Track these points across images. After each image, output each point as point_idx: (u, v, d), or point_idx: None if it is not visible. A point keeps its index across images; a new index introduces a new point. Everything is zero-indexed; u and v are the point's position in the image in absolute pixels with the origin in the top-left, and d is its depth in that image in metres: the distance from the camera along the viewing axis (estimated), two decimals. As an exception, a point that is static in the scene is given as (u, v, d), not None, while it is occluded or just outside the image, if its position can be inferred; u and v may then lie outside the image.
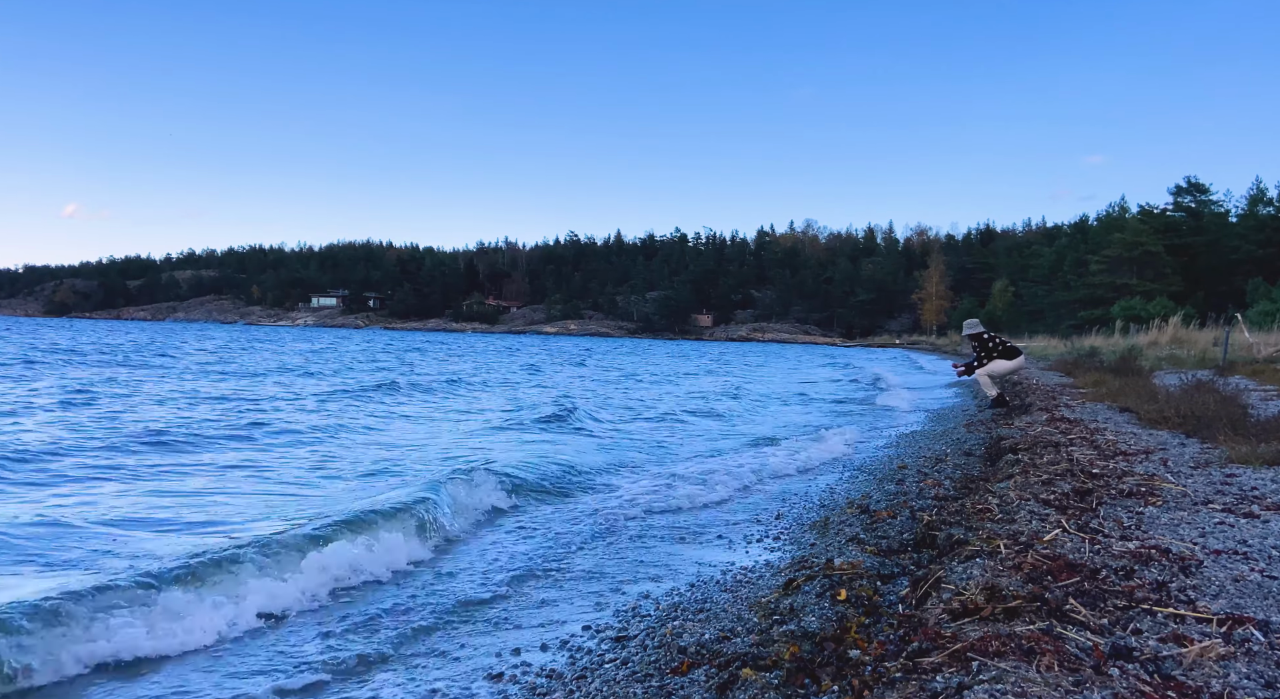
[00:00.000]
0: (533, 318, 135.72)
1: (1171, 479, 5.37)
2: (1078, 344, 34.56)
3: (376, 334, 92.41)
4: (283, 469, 7.74)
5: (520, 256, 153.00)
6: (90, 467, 7.40)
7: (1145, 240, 59.34)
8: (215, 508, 6.05)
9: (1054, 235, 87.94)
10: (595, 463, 8.63)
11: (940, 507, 5.53)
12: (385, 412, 13.22)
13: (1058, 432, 8.18)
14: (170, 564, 4.24)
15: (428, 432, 11.01)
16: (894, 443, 10.44)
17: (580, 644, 3.71)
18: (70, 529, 5.19)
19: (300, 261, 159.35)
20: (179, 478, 7.18)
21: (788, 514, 6.36)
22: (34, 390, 14.19)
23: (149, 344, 38.86)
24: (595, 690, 3.14)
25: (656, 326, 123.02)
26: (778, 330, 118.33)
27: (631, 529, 5.90)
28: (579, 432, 11.39)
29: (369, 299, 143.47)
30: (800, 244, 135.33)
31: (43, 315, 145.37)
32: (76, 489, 6.50)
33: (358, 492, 6.72)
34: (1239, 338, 22.51)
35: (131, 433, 9.30)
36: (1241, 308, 34.51)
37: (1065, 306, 64.00)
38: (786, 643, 3.18)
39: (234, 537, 4.97)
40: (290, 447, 9.16)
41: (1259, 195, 62.78)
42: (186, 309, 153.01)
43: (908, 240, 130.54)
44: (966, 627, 2.74)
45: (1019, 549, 3.65)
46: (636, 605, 4.23)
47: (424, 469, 7.70)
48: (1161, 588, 3.06)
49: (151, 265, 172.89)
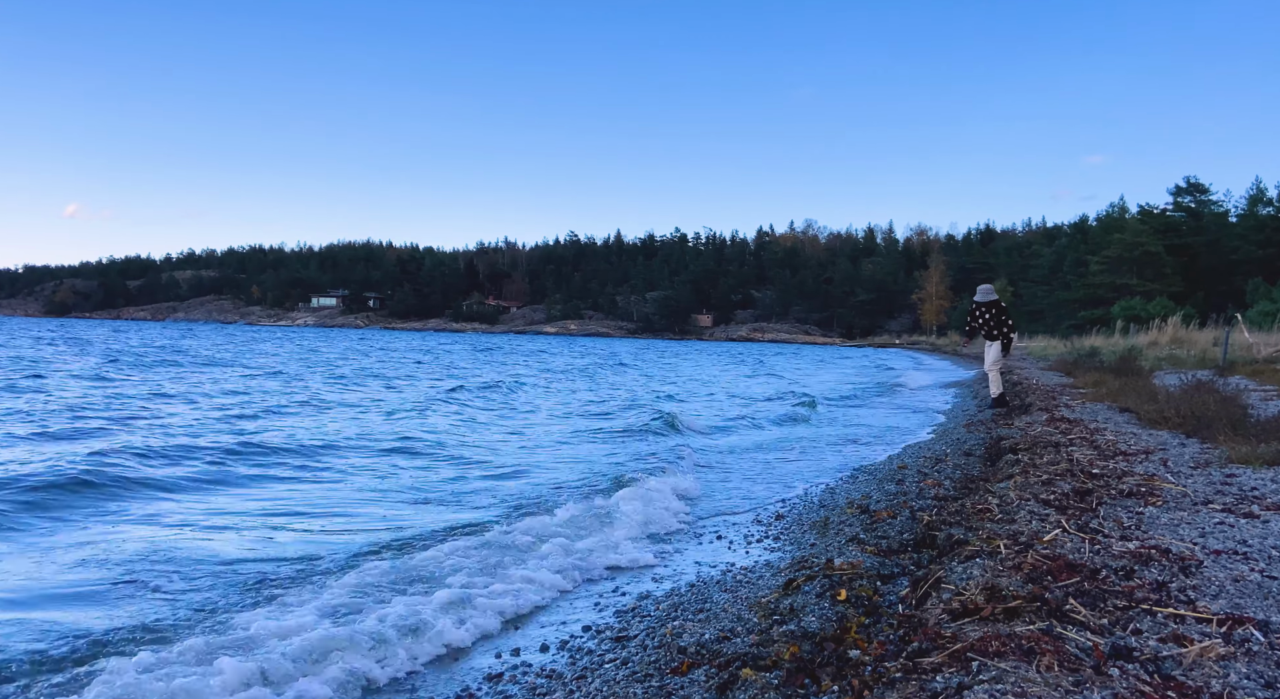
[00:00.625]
0: (533, 318, 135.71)
1: (1171, 479, 5.37)
2: (1078, 344, 34.55)
3: (393, 335, 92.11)
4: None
5: (520, 256, 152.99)
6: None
7: (1145, 240, 59.32)
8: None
9: (1054, 235, 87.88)
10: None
11: (940, 507, 5.53)
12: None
13: (1058, 432, 8.18)
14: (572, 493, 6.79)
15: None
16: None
17: (580, 644, 3.72)
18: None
19: (300, 261, 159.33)
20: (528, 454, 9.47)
21: (788, 514, 6.36)
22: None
23: (222, 347, 36.12)
24: (595, 690, 3.14)
25: (656, 327, 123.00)
26: (778, 330, 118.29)
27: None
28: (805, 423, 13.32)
29: (369, 299, 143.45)
30: (800, 244, 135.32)
31: (42, 315, 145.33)
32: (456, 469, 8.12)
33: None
34: (1239, 338, 22.51)
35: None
36: (1241, 308, 34.50)
37: (1065, 307, 63.98)
38: (786, 643, 3.17)
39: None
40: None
41: (1259, 195, 62.77)
42: (186, 309, 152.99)
43: (908, 240, 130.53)
44: (966, 627, 2.74)
45: (1019, 549, 3.65)
46: (637, 606, 4.23)
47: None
48: (1161, 588, 3.06)
49: (151, 265, 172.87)
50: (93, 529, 5.54)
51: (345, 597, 4.10)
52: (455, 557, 4.82)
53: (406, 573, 4.52)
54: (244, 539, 5.33)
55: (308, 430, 10.53)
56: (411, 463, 8.53)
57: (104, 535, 5.37)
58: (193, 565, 4.70)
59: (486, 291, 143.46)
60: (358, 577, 4.39)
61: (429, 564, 4.69)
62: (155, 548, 5.04)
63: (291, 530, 5.62)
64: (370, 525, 5.79)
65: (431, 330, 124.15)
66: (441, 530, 5.58)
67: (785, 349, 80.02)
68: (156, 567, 4.67)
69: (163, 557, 4.87)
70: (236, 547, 5.13)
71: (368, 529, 5.66)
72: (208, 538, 5.35)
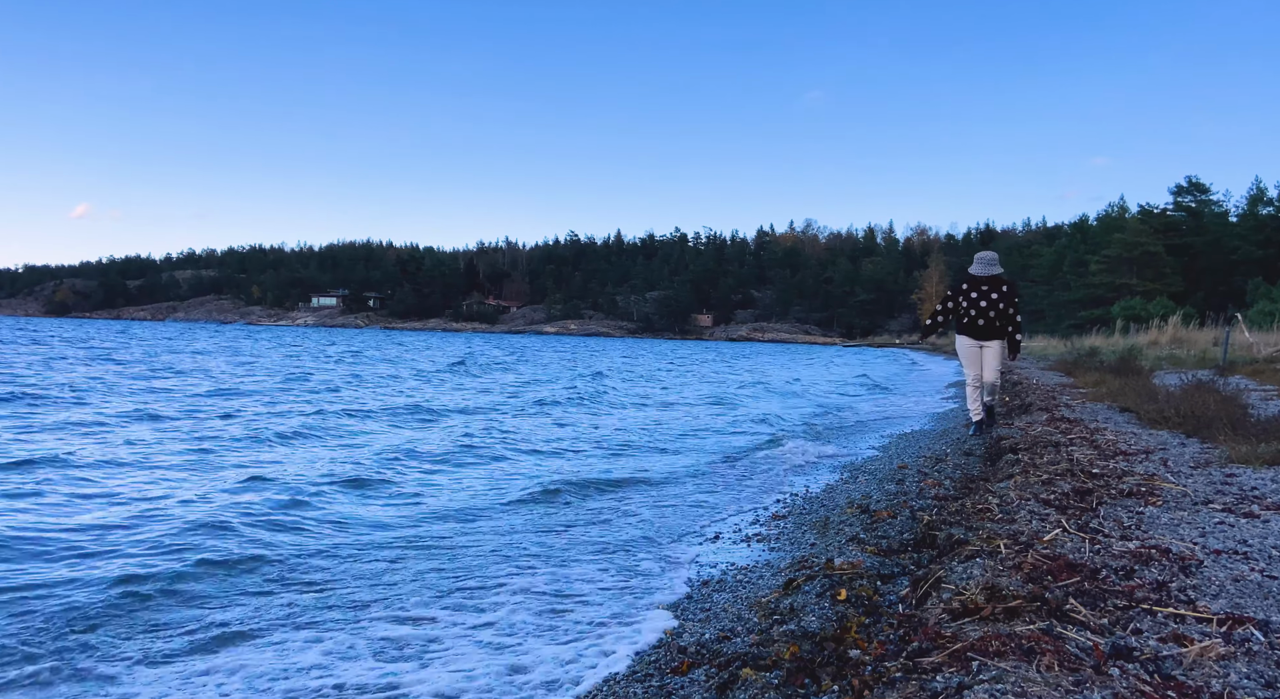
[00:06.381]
0: (533, 318, 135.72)
1: (1171, 479, 5.37)
2: (1078, 344, 34.55)
3: (392, 335, 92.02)
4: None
5: (520, 256, 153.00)
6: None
7: (1145, 240, 59.34)
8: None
9: (1054, 235, 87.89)
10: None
11: (940, 506, 5.53)
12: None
13: (1058, 431, 8.18)
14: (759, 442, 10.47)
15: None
16: (893, 442, 10.46)
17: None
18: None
19: (300, 261, 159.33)
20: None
21: (787, 514, 6.35)
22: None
23: (298, 355, 33.15)
24: (595, 690, 3.14)
25: (656, 326, 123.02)
26: (778, 330, 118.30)
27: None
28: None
29: (369, 299, 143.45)
30: (800, 244, 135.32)
31: (42, 315, 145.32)
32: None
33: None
34: (1239, 338, 22.51)
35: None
36: (1241, 308, 34.50)
37: (1065, 306, 64.00)
38: (786, 643, 3.17)
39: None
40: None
41: (1259, 195, 62.79)
42: (186, 309, 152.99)
43: (908, 240, 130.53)
44: (966, 627, 2.74)
45: (1019, 549, 3.64)
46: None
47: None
48: (1161, 588, 3.06)
49: (151, 265, 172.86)
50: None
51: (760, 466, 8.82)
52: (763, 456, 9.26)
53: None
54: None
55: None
56: (722, 417, 13.90)
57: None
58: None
59: (486, 291, 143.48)
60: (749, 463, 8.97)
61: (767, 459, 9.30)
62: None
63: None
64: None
65: (432, 330, 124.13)
66: (750, 446, 10.25)
67: (792, 348, 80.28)
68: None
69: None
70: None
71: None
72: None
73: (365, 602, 4.18)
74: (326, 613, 4.02)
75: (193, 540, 5.12)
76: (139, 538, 5.19)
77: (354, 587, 4.43)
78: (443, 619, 3.92)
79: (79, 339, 42.99)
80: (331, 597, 4.25)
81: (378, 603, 4.16)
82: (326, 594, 4.29)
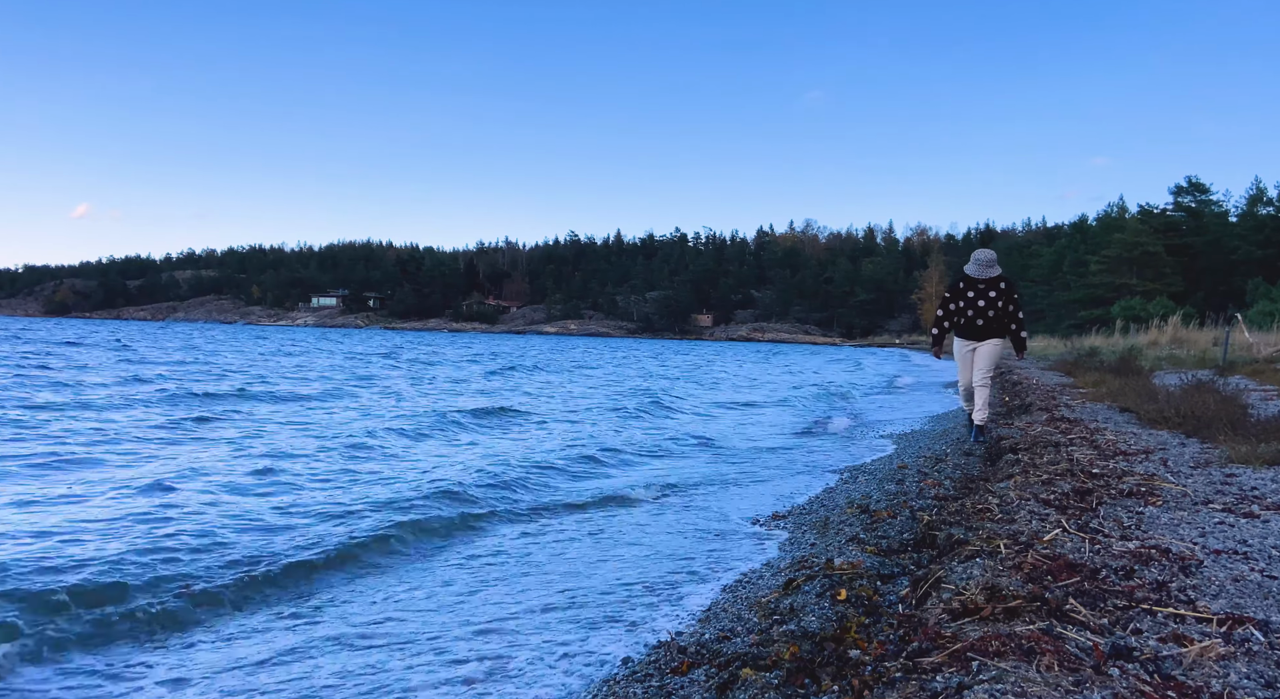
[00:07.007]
0: (533, 318, 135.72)
1: (1171, 479, 5.37)
2: (1078, 344, 34.56)
3: (394, 335, 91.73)
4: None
5: (520, 256, 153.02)
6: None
7: (1145, 240, 59.31)
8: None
9: (1054, 235, 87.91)
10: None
11: (940, 507, 5.53)
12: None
13: (1058, 431, 8.18)
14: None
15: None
16: (894, 439, 10.47)
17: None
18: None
19: (300, 261, 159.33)
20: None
21: (787, 514, 6.36)
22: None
23: (357, 360, 31.24)
24: (595, 690, 3.14)
25: (657, 326, 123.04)
26: (778, 330, 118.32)
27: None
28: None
29: (369, 299, 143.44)
30: (800, 244, 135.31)
31: (42, 315, 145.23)
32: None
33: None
34: (1239, 338, 22.50)
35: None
36: (1241, 308, 34.49)
37: (1065, 306, 64.00)
38: (786, 643, 3.17)
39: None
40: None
41: (1259, 195, 62.75)
42: (186, 309, 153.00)
43: (908, 240, 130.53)
44: (966, 627, 2.74)
45: (1019, 549, 3.64)
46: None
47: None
48: (1161, 588, 3.06)
49: (151, 265, 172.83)
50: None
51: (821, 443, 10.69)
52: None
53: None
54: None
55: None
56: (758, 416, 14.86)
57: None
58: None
59: (486, 291, 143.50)
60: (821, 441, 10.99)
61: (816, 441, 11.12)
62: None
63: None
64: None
65: (432, 330, 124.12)
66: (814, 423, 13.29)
67: (799, 348, 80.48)
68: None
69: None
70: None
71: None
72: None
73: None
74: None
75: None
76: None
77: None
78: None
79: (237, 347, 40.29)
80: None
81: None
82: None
